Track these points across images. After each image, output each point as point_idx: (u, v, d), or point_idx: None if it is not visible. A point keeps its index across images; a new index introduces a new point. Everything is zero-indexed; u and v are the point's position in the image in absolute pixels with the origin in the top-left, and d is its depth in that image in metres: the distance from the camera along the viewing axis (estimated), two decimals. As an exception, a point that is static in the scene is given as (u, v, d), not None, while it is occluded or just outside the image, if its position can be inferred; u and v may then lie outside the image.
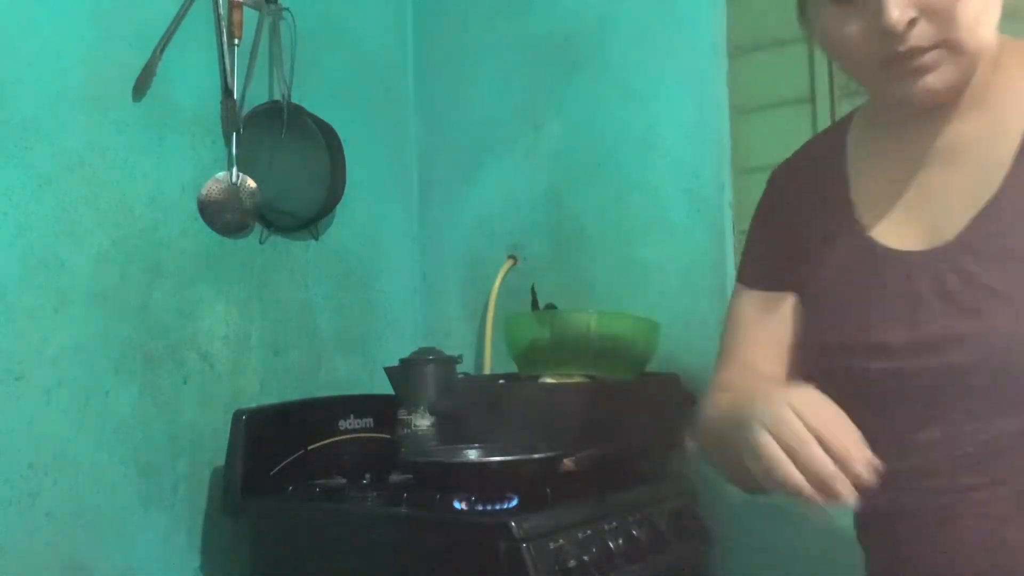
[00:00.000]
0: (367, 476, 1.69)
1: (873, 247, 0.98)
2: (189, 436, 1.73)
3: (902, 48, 0.87)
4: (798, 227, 1.06)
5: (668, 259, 1.89)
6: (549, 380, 1.69)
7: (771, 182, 1.16)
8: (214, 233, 1.80)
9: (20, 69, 1.54)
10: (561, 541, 1.35)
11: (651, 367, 1.77)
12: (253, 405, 1.77)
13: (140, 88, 1.70)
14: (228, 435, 1.66)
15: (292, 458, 1.69)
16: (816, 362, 1.01)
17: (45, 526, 1.52)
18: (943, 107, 0.94)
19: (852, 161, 1.05)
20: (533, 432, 1.54)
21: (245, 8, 1.85)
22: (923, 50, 0.88)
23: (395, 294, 2.18)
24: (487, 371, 2.03)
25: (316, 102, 1.98)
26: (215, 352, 1.80)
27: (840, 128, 1.10)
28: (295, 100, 1.93)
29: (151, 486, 1.67)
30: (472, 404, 1.69)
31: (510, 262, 2.09)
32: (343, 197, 2.01)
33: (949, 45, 0.88)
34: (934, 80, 0.89)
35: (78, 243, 1.60)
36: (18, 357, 1.51)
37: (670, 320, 1.82)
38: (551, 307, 1.87)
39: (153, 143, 1.72)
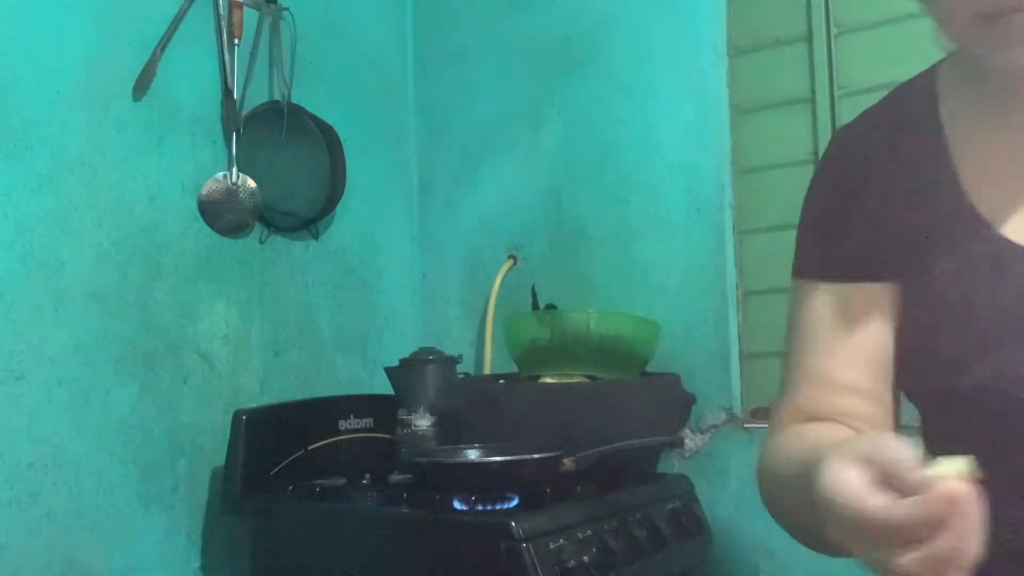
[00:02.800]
0: (367, 476, 1.69)
1: (1004, 249, 0.79)
2: (189, 436, 1.73)
3: (1006, 4, 0.72)
4: (893, 208, 0.85)
5: (668, 259, 1.89)
6: (549, 380, 1.69)
7: (840, 149, 0.93)
8: (214, 233, 1.80)
9: (20, 69, 1.54)
10: (561, 541, 1.35)
11: (651, 367, 1.77)
12: (253, 405, 1.77)
13: (140, 88, 1.70)
14: (228, 435, 1.66)
15: (292, 458, 1.69)
16: (928, 378, 0.83)
17: (45, 526, 1.52)
18: None
19: (953, 132, 0.85)
20: (533, 432, 1.54)
21: (245, 8, 1.85)
22: None
23: (395, 294, 2.18)
24: (487, 371, 2.03)
25: (316, 102, 1.98)
26: (215, 352, 1.80)
27: (926, 87, 0.89)
28: (295, 100, 1.93)
29: (151, 486, 1.67)
30: (472, 404, 1.68)
31: (510, 262, 2.09)
32: (343, 197, 2.01)
33: None
34: None
35: (78, 243, 1.60)
36: (18, 357, 1.51)
37: (670, 320, 1.83)
38: (551, 307, 1.87)
39: (153, 143, 1.72)
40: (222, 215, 1.81)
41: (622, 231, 1.95)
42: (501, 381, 1.80)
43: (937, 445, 0.82)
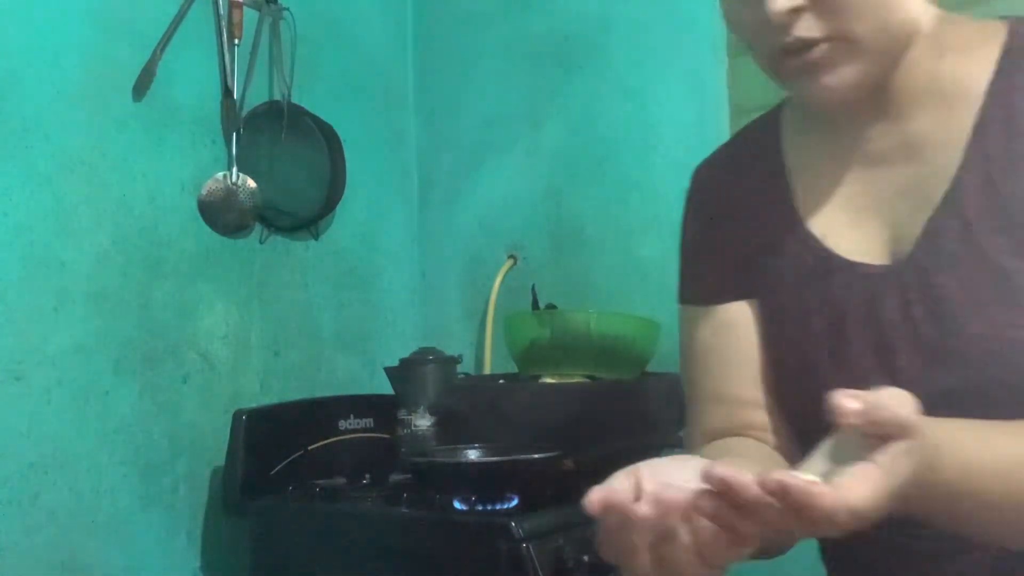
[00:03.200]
0: (367, 476, 1.69)
1: (831, 260, 0.86)
2: (189, 436, 1.73)
3: (788, 39, 0.77)
4: (742, 231, 0.93)
5: (668, 259, 1.88)
6: (549, 380, 1.69)
7: (697, 184, 1.01)
8: (214, 233, 1.80)
9: (20, 69, 1.54)
10: (561, 541, 1.35)
11: (651, 367, 1.77)
12: (253, 405, 1.77)
13: (140, 88, 1.70)
14: (228, 435, 1.66)
15: (292, 458, 1.69)
16: (779, 380, 0.90)
17: (45, 526, 1.52)
18: (889, 100, 0.83)
19: (790, 158, 0.92)
20: (533, 432, 1.54)
21: (245, 8, 1.85)
22: (812, 43, 0.77)
23: (395, 294, 2.18)
24: (487, 371, 2.03)
25: (316, 102, 1.98)
26: (215, 352, 1.80)
27: (771, 121, 0.97)
28: (295, 100, 1.93)
29: (151, 486, 1.67)
30: (472, 404, 1.68)
31: (510, 262, 2.09)
32: (343, 197, 2.01)
33: (844, 38, 0.77)
34: (830, 79, 0.78)
35: (78, 243, 1.60)
36: (18, 357, 1.51)
37: (670, 320, 1.82)
38: (551, 307, 1.87)
39: (153, 143, 1.72)
40: (222, 215, 1.81)
41: (622, 231, 1.95)
42: (501, 381, 1.80)
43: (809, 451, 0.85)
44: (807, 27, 0.76)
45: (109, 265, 1.64)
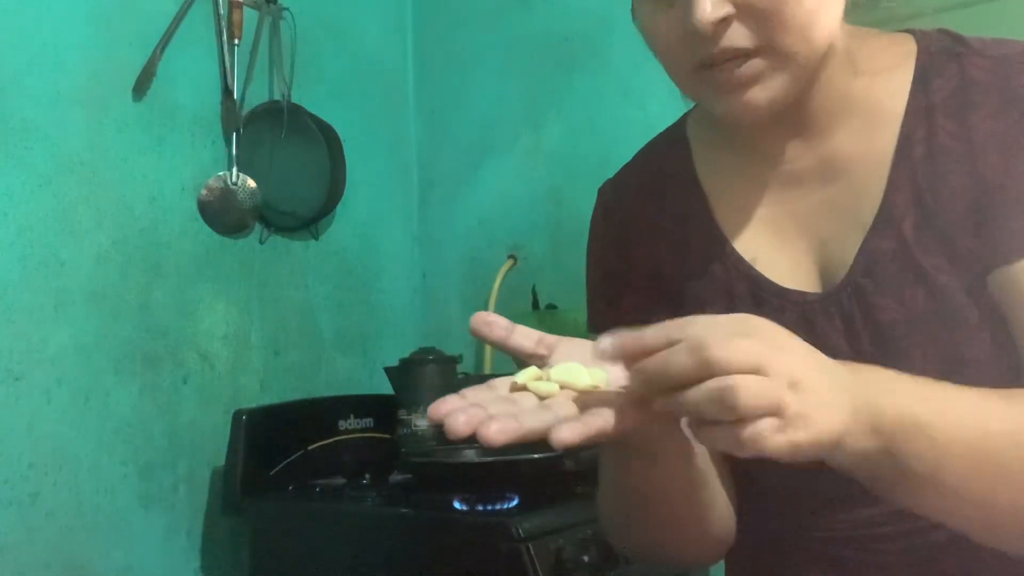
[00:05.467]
0: (367, 476, 1.69)
1: (761, 284, 0.82)
2: (189, 436, 1.73)
3: (715, 50, 0.72)
4: (663, 257, 0.88)
5: (668, 259, 1.89)
6: (549, 380, 1.68)
7: (606, 205, 0.96)
8: (214, 233, 1.80)
9: (20, 69, 1.54)
10: (561, 541, 1.35)
11: (651, 367, 1.77)
12: (253, 405, 1.77)
13: (140, 88, 1.70)
14: (228, 435, 1.66)
15: (292, 458, 1.69)
16: None
17: (45, 526, 1.52)
18: (804, 118, 0.80)
19: (707, 178, 0.88)
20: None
21: (245, 8, 1.85)
22: (742, 55, 0.72)
23: (395, 294, 2.18)
24: (487, 371, 2.03)
25: (316, 102, 1.98)
26: (215, 352, 1.80)
27: (677, 137, 0.93)
28: (295, 100, 1.93)
29: (151, 486, 1.67)
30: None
31: (510, 262, 2.08)
32: (343, 197, 2.01)
33: (775, 51, 0.72)
34: (759, 93, 0.74)
35: (78, 243, 1.60)
36: (18, 357, 1.51)
37: (670, 320, 1.82)
38: (551, 307, 1.87)
39: (153, 143, 1.72)
40: (222, 215, 1.81)
41: (622, 231, 1.95)
42: (501, 381, 1.79)
43: (752, 477, 0.84)
44: (736, 37, 0.72)
45: (109, 265, 1.64)
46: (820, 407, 0.58)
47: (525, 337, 0.71)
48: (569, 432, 0.59)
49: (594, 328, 0.94)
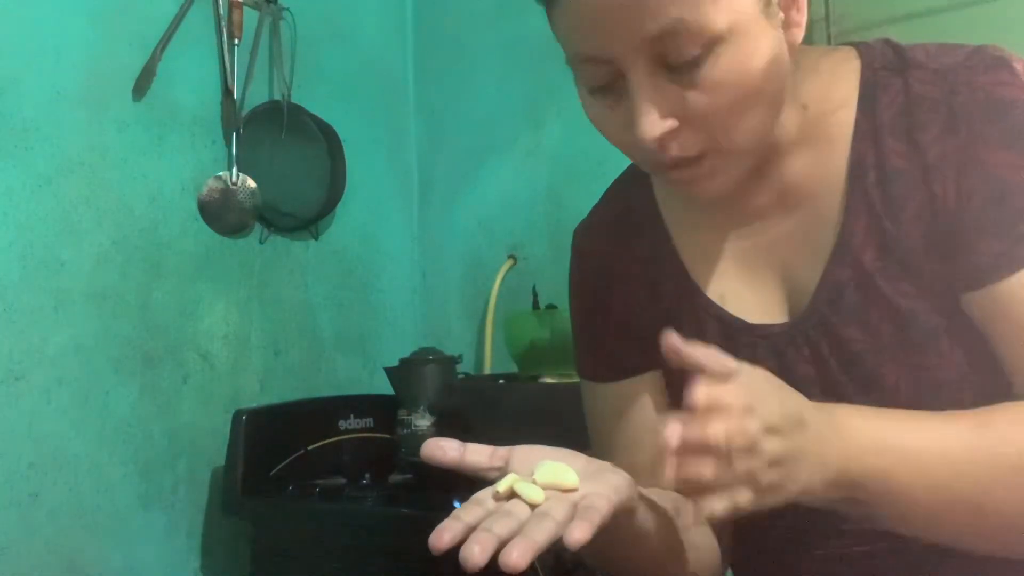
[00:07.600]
0: (367, 476, 1.69)
1: (731, 325, 0.83)
2: (189, 436, 1.73)
3: (664, 159, 0.73)
4: (636, 304, 0.90)
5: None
6: (549, 380, 1.69)
7: (581, 252, 0.98)
8: (214, 233, 1.80)
9: (20, 69, 1.54)
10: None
11: (651, 367, 1.77)
12: (253, 405, 1.77)
13: (140, 88, 1.70)
14: (228, 435, 1.66)
15: (292, 458, 1.69)
16: None
17: (45, 526, 1.52)
18: (761, 157, 0.79)
19: (673, 224, 0.89)
20: (533, 432, 1.53)
21: (245, 8, 1.86)
22: (690, 159, 0.73)
23: (395, 294, 2.18)
24: (487, 371, 2.03)
25: (316, 102, 1.98)
26: (215, 352, 1.80)
27: (639, 178, 0.92)
28: (295, 100, 1.93)
29: (151, 486, 1.67)
30: (472, 404, 1.68)
31: (510, 262, 2.08)
32: (343, 197, 2.01)
33: (724, 152, 0.73)
34: (713, 184, 0.75)
35: (78, 243, 1.60)
36: (18, 357, 1.51)
37: (670, 320, 1.82)
38: (551, 307, 1.87)
39: (153, 143, 1.72)
40: (222, 215, 1.81)
41: (622, 231, 1.95)
42: (501, 381, 1.80)
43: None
44: (683, 147, 0.72)
45: (109, 265, 1.64)
46: (790, 481, 0.63)
47: (477, 454, 0.73)
48: (580, 532, 0.65)
49: (581, 373, 0.95)
